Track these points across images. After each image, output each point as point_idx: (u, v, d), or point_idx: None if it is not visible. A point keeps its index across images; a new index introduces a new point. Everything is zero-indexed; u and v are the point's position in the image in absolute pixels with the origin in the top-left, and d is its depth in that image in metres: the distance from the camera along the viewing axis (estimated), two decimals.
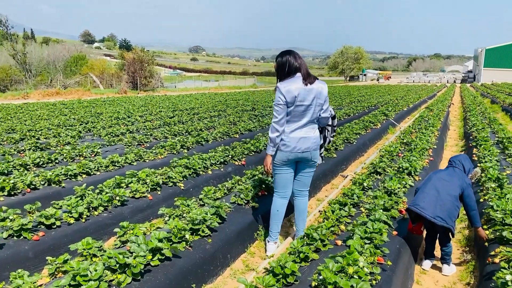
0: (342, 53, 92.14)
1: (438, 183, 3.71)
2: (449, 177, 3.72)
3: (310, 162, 4.02)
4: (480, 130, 9.46)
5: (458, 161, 3.86)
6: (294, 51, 3.86)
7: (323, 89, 3.82)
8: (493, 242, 3.62)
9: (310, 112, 3.79)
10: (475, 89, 40.13)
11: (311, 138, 3.90)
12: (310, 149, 3.91)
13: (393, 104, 18.17)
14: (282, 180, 4.08)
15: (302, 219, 4.27)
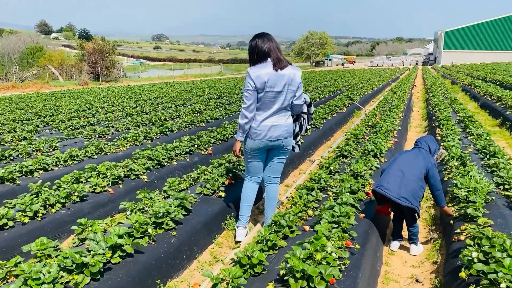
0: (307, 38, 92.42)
1: (403, 164, 3.70)
2: (414, 157, 3.72)
3: (282, 149, 3.94)
4: (442, 110, 9.67)
5: (424, 142, 3.87)
6: (266, 34, 3.69)
7: (296, 75, 3.68)
8: (458, 220, 3.66)
9: (281, 99, 3.67)
10: (436, 70, 41.25)
11: (283, 125, 3.80)
12: (282, 137, 3.82)
13: (358, 88, 18.37)
14: (253, 167, 4.05)
15: (272, 206, 4.19)
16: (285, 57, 3.87)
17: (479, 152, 5.72)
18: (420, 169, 3.61)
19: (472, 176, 4.30)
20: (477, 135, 6.65)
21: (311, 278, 2.47)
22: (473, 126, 7.43)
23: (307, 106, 4.05)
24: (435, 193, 3.66)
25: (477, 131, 6.89)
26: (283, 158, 4.04)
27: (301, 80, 3.78)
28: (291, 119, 3.89)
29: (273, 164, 4.05)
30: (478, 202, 3.63)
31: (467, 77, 23.61)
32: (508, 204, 3.76)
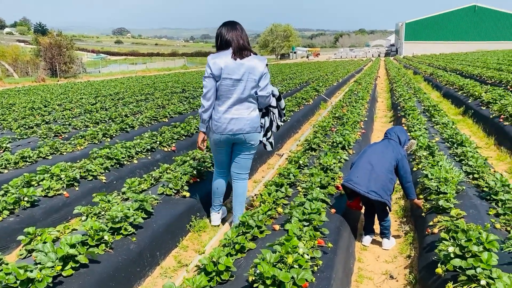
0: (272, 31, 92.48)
1: (372, 156, 3.58)
2: (383, 149, 3.60)
3: (246, 144, 3.77)
4: (407, 100, 9.73)
5: (393, 133, 3.76)
6: (232, 23, 3.61)
7: (258, 65, 3.53)
8: (430, 212, 3.57)
9: (240, 88, 3.52)
10: (398, 61, 42.13)
11: (244, 119, 3.62)
12: (243, 131, 3.64)
13: (324, 80, 18.39)
14: (217, 160, 4.00)
15: (239, 203, 4.04)
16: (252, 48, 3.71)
17: (446, 141, 5.71)
18: (389, 161, 3.50)
19: (442, 166, 4.23)
20: (443, 124, 6.67)
21: (283, 284, 2.27)
22: (439, 115, 7.47)
23: (276, 99, 3.91)
24: (405, 185, 3.55)
25: (442, 120, 6.93)
26: (248, 154, 3.87)
27: (266, 71, 3.62)
28: (256, 113, 3.71)
29: (239, 160, 3.89)
30: (449, 193, 3.55)
31: (429, 67, 24.16)
32: (479, 194, 3.70)
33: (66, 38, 46.78)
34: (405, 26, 65.07)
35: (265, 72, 3.58)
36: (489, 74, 14.82)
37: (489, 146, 6.92)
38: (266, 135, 3.97)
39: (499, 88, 10.30)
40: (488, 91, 10.03)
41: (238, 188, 4.01)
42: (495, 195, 3.48)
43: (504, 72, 15.85)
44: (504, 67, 18.18)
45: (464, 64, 23.28)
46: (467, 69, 18.86)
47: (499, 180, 3.55)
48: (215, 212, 4.26)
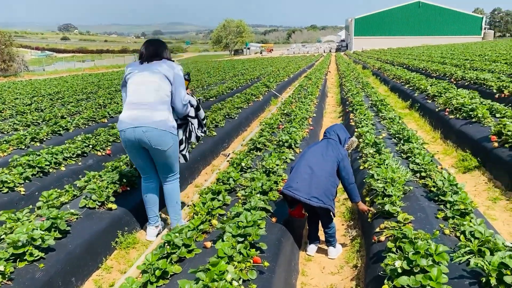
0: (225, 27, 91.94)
1: (311, 159, 3.28)
2: (323, 150, 3.30)
3: (152, 149, 3.45)
4: (355, 95, 9.63)
5: (332, 132, 3.48)
6: (151, 40, 3.74)
7: (167, 70, 3.49)
8: (376, 216, 3.32)
9: (142, 89, 3.43)
10: (348, 56, 42.90)
11: (144, 118, 3.35)
12: (144, 130, 3.34)
13: (275, 75, 18.17)
14: (135, 163, 3.75)
15: (171, 207, 3.78)
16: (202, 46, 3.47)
17: (393, 137, 5.56)
18: (330, 163, 3.21)
19: (388, 164, 4.01)
20: (390, 119, 6.55)
21: None
22: (385, 110, 7.37)
23: (194, 109, 3.82)
24: (348, 187, 3.28)
25: (389, 115, 6.81)
26: (163, 158, 3.56)
27: (179, 78, 3.54)
28: (163, 117, 3.42)
29: (157, 163, 3.65)
30: (395, 195, 3.31)
31: (377, 62, 24.61)
32: (426, 195, 3.50)
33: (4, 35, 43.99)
34: (354, 22, 66.58)
35: (177, 78, 3.51)
36: (434, 68, 15.17)
37: (436, 140, 6.89)
38: (179, 147, 3.79)
39: (444, 81, 10.45)
40: (433, 84, 10.14)
41: (165, 190, 3.75)
42: (443, 195, 3.28)
43: (448, 65, 16.31)
44: (448, 61, 18.76)
45: (410, 58, 23.90)
46: (413, 63, 19.31)
47: (447, 179, 3.36)
48: (150, 225, 3.89)
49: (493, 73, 11.40)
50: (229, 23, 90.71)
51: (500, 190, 4.44)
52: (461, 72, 12.17)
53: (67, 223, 3.35)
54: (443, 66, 15.74)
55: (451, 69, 13.54)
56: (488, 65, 13.82)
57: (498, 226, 3.68)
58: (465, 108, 6.53)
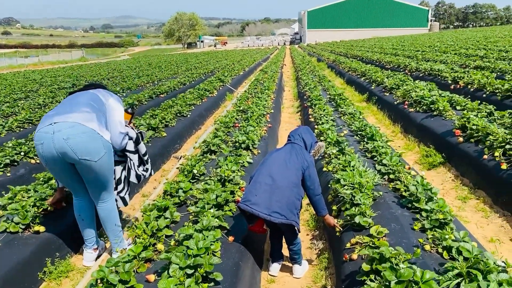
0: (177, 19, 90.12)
1: (273, 167, 2.85)
2: (286, 157, 2.88)
3: (77, 162, 2.90)
4: (312, 89, 9.34)
5: (297, 135, 3.05)
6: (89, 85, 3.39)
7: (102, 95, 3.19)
8: (346, 229, 2.95)
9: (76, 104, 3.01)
10: (302, 49, 43.01)
11: (65, 124, 2.84)
12: (66, 138, 2.79)
13: (230, 69, 17.65)
14: (59, 180, 3.33)
15: (109, 230, 3.26)
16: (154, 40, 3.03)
17: (355, 134, 5.26)
18: (294, 172, 2.80)
19: (354, 167, 3.67)
20: (350, 115, 6.26)
21: None
22: (345, 104, 7.10)
23: (134, 143, 3.36)
24: (313, 199, 2.89)
25: (349, 110, 6.53)
26: (90, 175, 3.00)
27: (115, 106, 3.18)
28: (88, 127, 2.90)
29: (86, 181, 3.09)
30: (365, 204, 2.95)
31: (331, 54, 24.66)
32: (398, 201, 3.18)
33: None
34: (307, 15, 67.02)
35: (111, 107, 3.15)
36: (388, 59, 15.25)
37: (396, 134, 6.70)
38: (116, 188, 3.34)
39: (400, 73, 10.39)
40: (390, 76, 10.05)
41: (101, 214, 3.22)
42: (417, 202, 2.97)
43: (400, 57, 16.48)
44: (400, 52, 19.02)
45: (363, 50, 24.12)
46: (367, 55, 19.42)
47: (420, 184, 3.04)
48: (87, 248, 3.36)
49: (446, 64, 11.51)
50: (181, 16, 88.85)
51: (468, 188, 4.24)
52: (415, 64, 12.22)
53: None
54: (396, 57, 15.86)
55: (404, 61, 13.61)
56: (439, 56, 14.02)
57: (472, 229, 3.43)
58: (425, 101, 6.36)
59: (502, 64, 9.45)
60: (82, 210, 3.23)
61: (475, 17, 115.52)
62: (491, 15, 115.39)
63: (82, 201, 3.23)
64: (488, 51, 13.94)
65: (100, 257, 3.39)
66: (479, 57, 12.36)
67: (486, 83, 7.27)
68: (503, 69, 8.97)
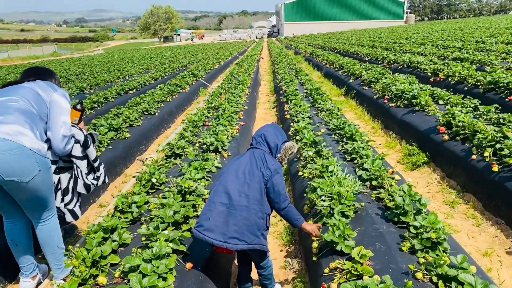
0: (152, 13, 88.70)
1: (229, 183, 2.37)
2: (246, 167, 2.40)
3: (3, 183, 2.43)
4: (288, 83, 8.92)
5: (259, 138, 2.55)
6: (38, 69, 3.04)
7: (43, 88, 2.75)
8: (324, 251, 2.53)
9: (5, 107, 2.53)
10: (280, 42, 42.58)
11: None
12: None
13: (204, 63, 17.07)
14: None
15: (49, 253, 2.78)
16: (129, 34, 2.53)
17: (333, 133, 4.86)
18: (256, 185, 2.33)
19: (333, 173, 3.27)
20: (328, 111, 5.86)
21: None
22: (322, 99, 6.69)
23: (81, 146, 2.95)
24: (280, 213, 2.45)
25: (327, 106, 6.13)
26: (23, 195, 2.53)
27: (59, 104, 2.76)
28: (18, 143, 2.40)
29: (18, 201, 2.61)
30: (344, 226, 2.49)
31: (309, 47, 24.31)
32: (382, 213, 2.78)
33: None
34: (284, 7, 66.55)
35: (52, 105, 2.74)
36: (365, 52, 14.97)
37: (376, 130, 6.35)
38: (63, 200, 2.92)
39: (378, 66, 10.07)
40: (368, 69, 9.71)
41: (40, 236, 2.73)
42: (404, 215, 2.58)
43: (378, 49, 16.23)
44: (377, 44, 18.80)
45: (340, 43, 23.85)
46: (344, 47, 19.13)
47: (407, 194, 2.65)
48: (25, 276, 2.87)
49: (425, 56, 11.26)
50: (156, 9, 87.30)
51: (456, 192, 3.89)
52: (393, 56, 11.94)
53: None
54: (374, 50, 15.59)
55: (382, 53, 13.34)
56: (417, 48, 13.80)
57: (463, 241, 3.08)
58: (406, 95, 6.02)
59: (481, 56, 9.23)
60: (16, 234, 2.74)
61: (449, 9, 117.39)
62: (465, 7, 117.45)
63: (16, 224, 2.74)
64: (466, 42, 13.79)
65: (42, 284, 2.91)
66: (457, 48, 12.17)
67: (467, 75, 6.98)
68: (482, 61, 8.74)
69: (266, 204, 2.36)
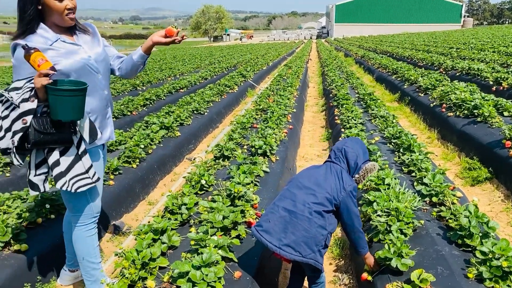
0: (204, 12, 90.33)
1: (298, 190, 2.28)
2: (319, 180, 2.27)
3: None
4: (339, 87, 8.70)
5: (339, 152, 2.38)
6: None
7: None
8: (379, 269, 2.38)
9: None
10: (329, 44, 42.00)
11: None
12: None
13: (253, 64, 17.10)
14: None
15: (80, 262, 2.64)
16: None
17: (388, 142, 4.65)
18: (325, 202, 2.21)
19: (390, 186, 3.10)
20: (382, 118, 5.64)
21: None
22: (376, 105, 6.46)
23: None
24: (350, 236, 2.32)
25: (381, 112, 5.90)
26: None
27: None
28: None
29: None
30: (401, 241, 2.34)
31: (359, 49, 23.76)
32: (444, 234, 2.59)
33: None
34: (336, 8, 65.66)
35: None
36: (420, 56, 14.37)
37: (432, 140, 6.03)
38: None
39: (434, 72, 9.61)
40: (424, 75, 9.29)
41: (72, 237, 2.61)
42: (469, 238, 2.39)
43: (434, 54, 15.55)
44: (432, 49, 18.03)
45: (393, 46, 23.12)
46: (397, 51, 18.51)
47: (473, 215, 2.45)
48: (65, 267, 2.96)
49: (486, 63, 10.64)
50: (208, 9, 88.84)
51: None
52: (450, 62, 11.37)
53: None
54: (429, 54, 14.95)
55: (439, 58, 12.74)
56: (476, 54, 13.08)
57: None
58: (467, 105, 5.66)
59: None
60: (66, 227, 2.79)
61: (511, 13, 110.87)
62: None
63: (67, 214, 2.79)
64: None
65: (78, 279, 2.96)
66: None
67: None
68: None
69: (330, 222, 2.23)
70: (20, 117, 2.11)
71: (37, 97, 2.13)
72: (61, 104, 2.13)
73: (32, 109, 2.12)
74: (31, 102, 2.11)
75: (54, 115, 2.17)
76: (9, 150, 2.17)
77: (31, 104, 2.11)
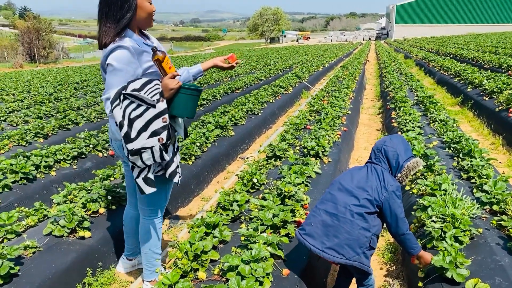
0: (261, 14, 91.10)
1: (339, 193, 2.26)
2: (361, 182, 2.27)
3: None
4: (397, 89, 8.45)
5: (379, 152, 2.36)
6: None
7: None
8: (431, 277, 2.32)
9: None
10: (388, 45, 40.77)
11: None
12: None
13: (309, 65, 17.02)
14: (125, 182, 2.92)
15: (143, 252, 2.78)
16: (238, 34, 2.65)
17: (447, 147, 4.47)
18: (366, 203, 2.19)
19: (447, 192, 2.99)
20: (441, 122, 5.42)
21: None
22: (435, 109, 6.21)
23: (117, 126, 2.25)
24: (396, 238, 2.29)
25: (440, 116, 5.67)
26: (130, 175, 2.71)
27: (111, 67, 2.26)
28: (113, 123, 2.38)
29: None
30: (456, 250, 2.26)
31: (420, 51, 22.86)
32: (504, 244, 2.46)
33: (45, 22, 45.22)
34: (396, 9, 63.55)
35: (104, 71, 2.38)
36: (486, 58, 13.57)
37: (497, 147, 5.70)
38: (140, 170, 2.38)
39: (502, 75, 9.06)
40: (490, 78, 8.79)
41: (139, 229, 2.78)
42: None
43: (502, 55, 14.62)
44: (501, 50, 16.95)
45: (457, 48, 22.01)
46: (461, 52, 17.60)
47: None
48: (123, 255, 3.14)
49: None
50: (265, 11, 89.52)
51: None
52: None
53: (17, 261, 2.57)
54: (497, 56, 14.08)
55: (507, 60, 11.97)
56: None
57: None
58: None
59: None
60: (127, 220, 2.97)
61: None
62: None
63: (130, 211, 2.95)
64: None
65: (136, 267, 3.14)
66: None
67: None
68: None
69: (374, 224, 2.21)
70: (159, 116, 2.21)
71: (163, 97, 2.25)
72: (189, 102, 2.32)
73: (166, 108, 2.24)
74: (162, 102, 2.23)
75: (180, 113, 2.33)
76: (143, 150, 2.21)
77: (164, 104, 2.24)
